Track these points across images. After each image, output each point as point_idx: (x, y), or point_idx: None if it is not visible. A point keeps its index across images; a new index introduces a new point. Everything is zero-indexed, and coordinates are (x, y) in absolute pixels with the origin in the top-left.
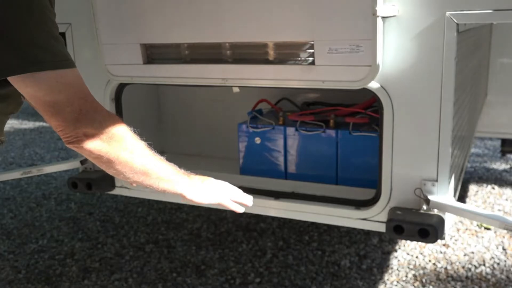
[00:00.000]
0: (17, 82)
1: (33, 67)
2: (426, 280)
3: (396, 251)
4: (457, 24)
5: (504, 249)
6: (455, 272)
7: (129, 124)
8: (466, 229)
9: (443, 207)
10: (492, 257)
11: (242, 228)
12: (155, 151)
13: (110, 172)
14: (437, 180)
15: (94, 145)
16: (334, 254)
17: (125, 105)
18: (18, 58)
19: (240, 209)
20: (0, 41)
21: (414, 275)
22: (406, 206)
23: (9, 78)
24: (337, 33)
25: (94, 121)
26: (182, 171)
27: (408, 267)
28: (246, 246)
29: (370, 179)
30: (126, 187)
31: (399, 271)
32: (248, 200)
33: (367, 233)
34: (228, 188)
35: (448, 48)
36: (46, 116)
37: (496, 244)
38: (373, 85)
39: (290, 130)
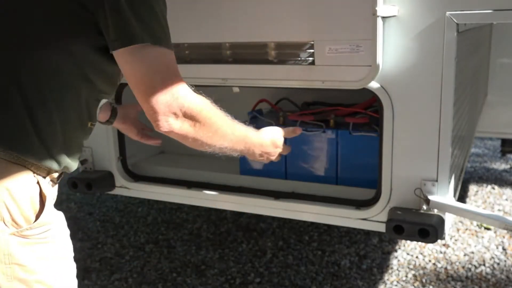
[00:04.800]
0: (123, 55)
1: (149, 39)
2: (426, 280)
3: (396, 251)
4: (457, 24)
5: (504, 249)
6: (455, 272)
7: None
8: (466, 229)
9: (443, 207)
10: (492, 257)
11: (242, 228)
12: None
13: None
14: (437, 180)
15: (182, 131)
16: (334, 254)
17: None
18: (140, 30)
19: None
20: (130, 12)
21: (414, 275)
22: (406, 206)
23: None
24: (337, 33)
25: (183, 106)
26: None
27: (408, 267)
28: (246, 246)
29: (370, 179)
30: (126, 187)
31: (399, 271)
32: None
33: (367, 233)
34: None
35: (448, 48)
36: (139, 98)
37: (496, 244)
38: (373, 85)
39: None
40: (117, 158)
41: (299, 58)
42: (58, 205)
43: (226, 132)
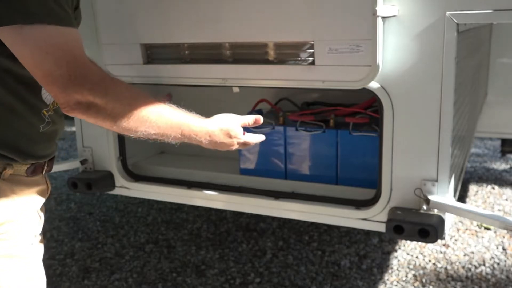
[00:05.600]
0: (6, 38)
1: (20, 19)
2: (426, 280)
3: (396, 251)
4: (457, 24)
5: (504, 249)
6: (455, 272)
7: None
8: (466, 229)
9: (443, 207)
10: (492, 257)
11: (242, 228)
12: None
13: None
14: (437, 180)
15: (89, 115)
16: (334, 254)
17: None
18: (8, 8)
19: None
20: None
21: (414, 275)
22: (406, 206)
23: (0, 35)
24: (337, 33)
25: (84, 88)
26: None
27: (408, 267)
28: (246, 246)
29: (370, 179)
30: (126, 187)
31: (399, 271)
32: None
33: (367, 233)
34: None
35: (448, 48)
36: (39, 82)
37: (496, 244)
38: (373, 85)
39: (290, 130)
40: (117, 158)
41: (299, 58)
42: (58, 205)
43: (149, 117)
